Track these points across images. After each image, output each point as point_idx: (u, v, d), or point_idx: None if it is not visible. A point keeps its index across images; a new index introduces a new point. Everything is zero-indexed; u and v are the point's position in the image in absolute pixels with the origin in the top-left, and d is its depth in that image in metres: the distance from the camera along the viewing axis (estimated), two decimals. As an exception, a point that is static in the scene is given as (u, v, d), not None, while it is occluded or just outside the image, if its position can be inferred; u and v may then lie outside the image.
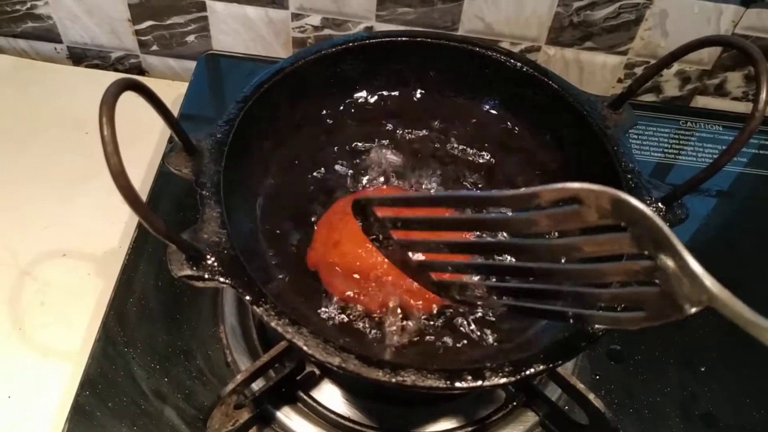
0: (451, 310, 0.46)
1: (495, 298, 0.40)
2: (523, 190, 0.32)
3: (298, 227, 0.50)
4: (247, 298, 0.37)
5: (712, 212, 0.67)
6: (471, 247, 0.39)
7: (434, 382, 0.35)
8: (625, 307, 0.36)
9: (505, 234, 0.41)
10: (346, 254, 0.46)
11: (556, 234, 0.43)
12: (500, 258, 0.46)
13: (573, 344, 0.37)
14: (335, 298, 0.46)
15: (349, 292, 0.45)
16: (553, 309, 0.39)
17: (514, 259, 0.43)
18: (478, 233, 0.47)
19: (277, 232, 0.48)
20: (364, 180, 0.53)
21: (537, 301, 0.39)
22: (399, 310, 0.45)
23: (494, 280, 0.43)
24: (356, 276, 0.46)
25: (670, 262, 0.30)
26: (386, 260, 0.41)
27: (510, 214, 0.37)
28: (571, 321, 0.38)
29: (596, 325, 0.39)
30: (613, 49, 0.74)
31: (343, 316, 0.45)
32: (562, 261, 0.39)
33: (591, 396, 0.43)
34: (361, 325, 0.45)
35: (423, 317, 0.45)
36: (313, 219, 0.50)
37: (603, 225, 0.30)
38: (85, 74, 0.80)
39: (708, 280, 0.29)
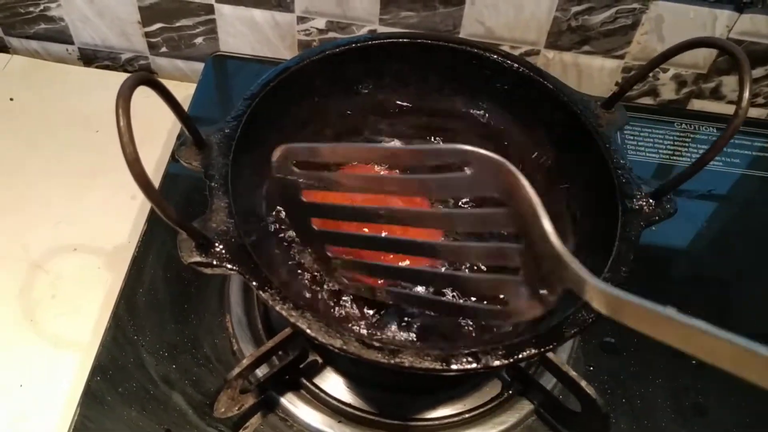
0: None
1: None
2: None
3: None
4: (254, 283, 0.39)
5: (712, 215, 0.68)
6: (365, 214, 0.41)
7: (431, 363, 0.36)
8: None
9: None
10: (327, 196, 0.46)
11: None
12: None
13: (565, 330, 0.39)
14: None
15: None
16: (440, 300, 0.45)
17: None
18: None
19: (282, 220, 0.50)
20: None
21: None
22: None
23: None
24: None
25: (539, 243, 0.31)
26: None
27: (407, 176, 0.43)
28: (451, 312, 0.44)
29: (469, 319, 0.45)
30: (611, 52, 0.75)
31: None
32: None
33: (583, 383, 0.44)
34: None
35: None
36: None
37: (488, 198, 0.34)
38: (96, 75, 0.81)
39: (574, 264, 0.30)
